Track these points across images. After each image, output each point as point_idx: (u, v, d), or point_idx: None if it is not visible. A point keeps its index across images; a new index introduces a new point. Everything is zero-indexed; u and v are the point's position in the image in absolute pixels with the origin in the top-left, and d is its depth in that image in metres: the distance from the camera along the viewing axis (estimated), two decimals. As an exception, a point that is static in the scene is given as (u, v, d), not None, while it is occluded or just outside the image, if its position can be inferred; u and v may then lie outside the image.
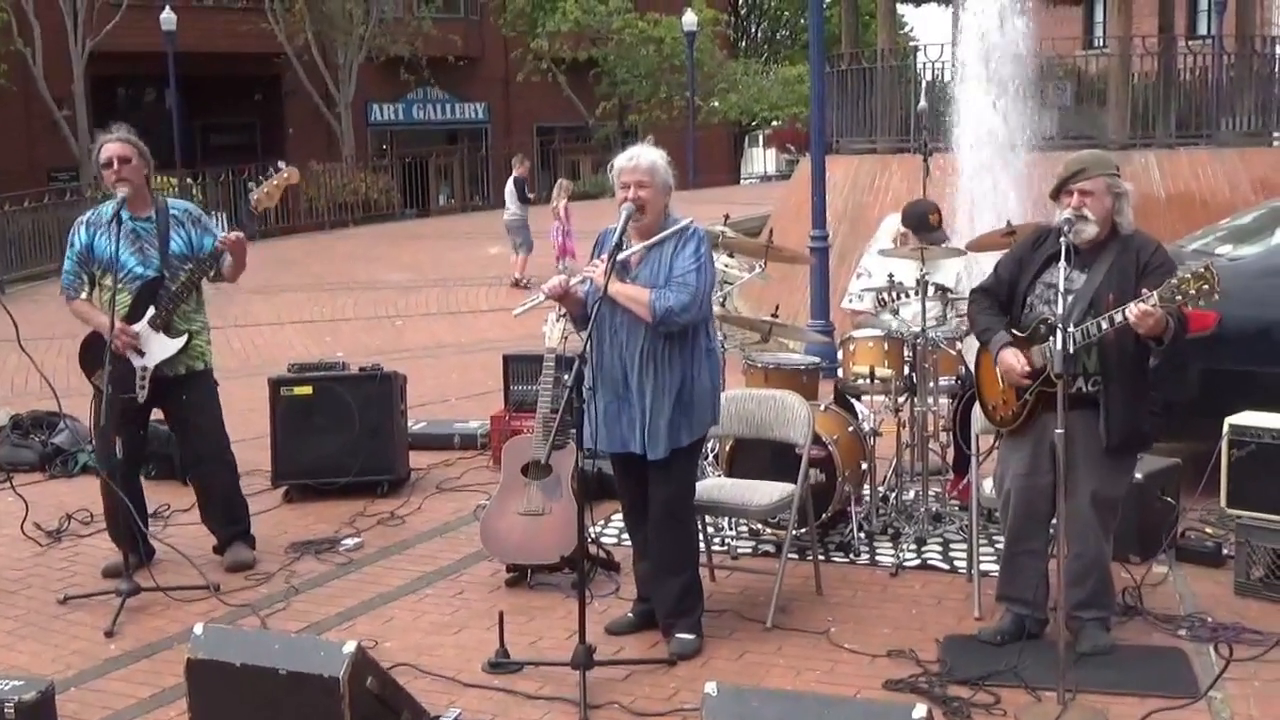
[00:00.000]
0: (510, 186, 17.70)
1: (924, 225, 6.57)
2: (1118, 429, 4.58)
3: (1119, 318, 4.37)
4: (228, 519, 6.05)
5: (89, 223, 5.80)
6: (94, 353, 5.69)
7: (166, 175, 22.77)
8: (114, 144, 5.72)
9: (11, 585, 5.84)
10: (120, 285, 5.67)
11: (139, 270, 5.73)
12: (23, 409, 8.44)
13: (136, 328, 5.69)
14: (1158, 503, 5.65)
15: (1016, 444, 4.83)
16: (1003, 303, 4.83)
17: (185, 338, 5.78)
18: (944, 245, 6.53)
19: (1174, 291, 4.23)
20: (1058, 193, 4.68)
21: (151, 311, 5.72)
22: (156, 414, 6.06)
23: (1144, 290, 4.35)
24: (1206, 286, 4.19)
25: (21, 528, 6.51)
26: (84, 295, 5.80)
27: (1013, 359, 4.65)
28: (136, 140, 5.79)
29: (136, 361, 5.73)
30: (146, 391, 5.76)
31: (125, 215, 5.64)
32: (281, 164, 6.08)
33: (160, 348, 5.75)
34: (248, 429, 7.10)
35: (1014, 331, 4.73)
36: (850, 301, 6.94)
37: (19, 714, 3.89)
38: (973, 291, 5.07)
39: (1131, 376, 4.60)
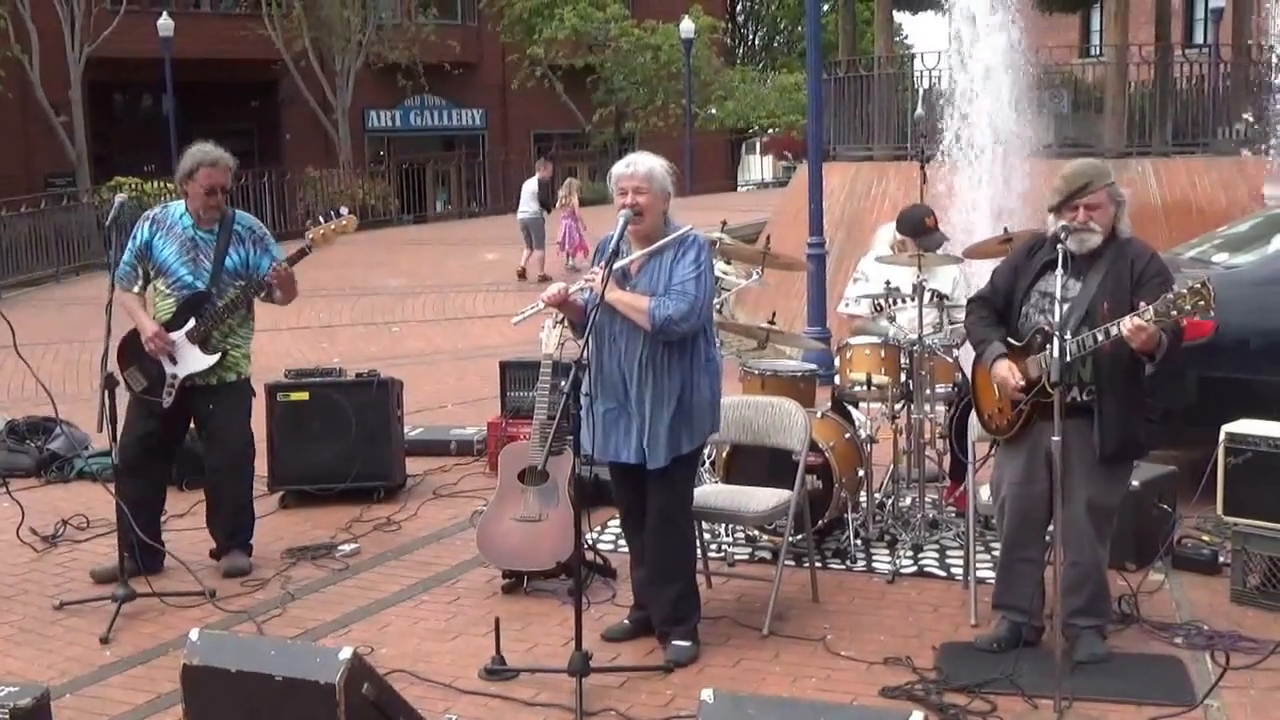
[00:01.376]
0: (534, 187, 18.46)
1: (921, 230, 6.49)
2: (1112, 438, 4.58)
3: (1114, 330, 4.36)
4: (233, 529, 6.04)
5: (154, 220, 5.82)
6: (132, 350, 5.76)
7: (164, 181, 22.73)
8: (219, 173, 5.76)
9: (7, 591, 5.83)
10: (168, 291, 5.74)
11: (188, 279, 5.77)
12: (19, 414, 8.45)
13: (174, 336, 5.73)
14: (1154, 510, 5.65)
15: (1012, 452, 4.83)
16: (999, 311, 4.83)
17: (219, 355, 5.80)
18: (943, 246, 6.49)
19: (1170, 306, 4.22)
20: (1060, 207, 4.66)
21: (192, 323, 5.74)
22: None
23: (1140, 304, 4.34)
24: (1203, 302, 4.17)
25: (17, 533, 6.49)
26: (136, 289, 5.82)
27: (1006, 372, 4.65)
28: (232, 164, 5.85)
29: (168, 368, 5.77)
30: (172, 399, 5.78)
31: (188, 222, 5.73)
32: (344, 209, 6.13)
33: (194, 360, 5.78)
34: (244, 434, 7.10)
35: (1010, 341, 4.73)
36: (846, 306, 6.92)
37: (14, 720, 3.89)
38: (969, 301, 5.07)
39: (1126, 386, 4.60)
